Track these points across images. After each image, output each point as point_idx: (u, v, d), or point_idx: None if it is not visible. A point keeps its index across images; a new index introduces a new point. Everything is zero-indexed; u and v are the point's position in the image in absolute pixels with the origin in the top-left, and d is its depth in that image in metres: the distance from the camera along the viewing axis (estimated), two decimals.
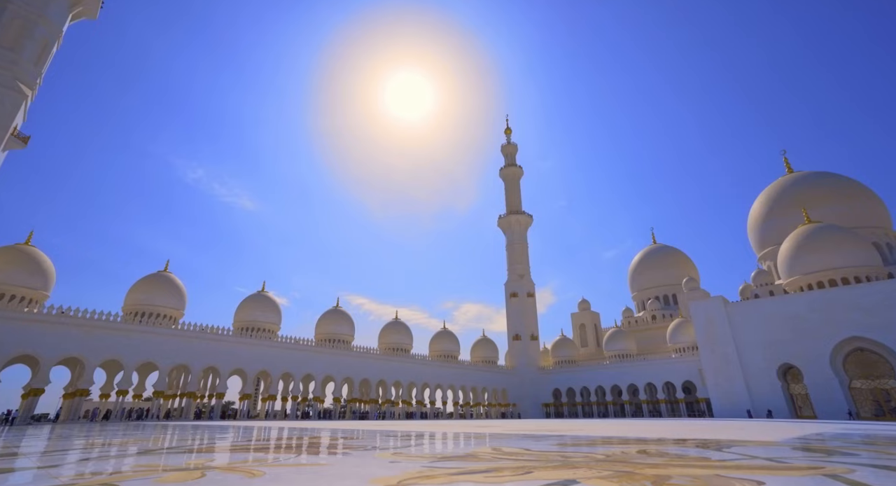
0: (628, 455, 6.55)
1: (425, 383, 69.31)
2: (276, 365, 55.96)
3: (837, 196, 70.81)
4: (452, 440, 11.39)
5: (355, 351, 64.19)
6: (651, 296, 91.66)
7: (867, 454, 7.16)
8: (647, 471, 4.77)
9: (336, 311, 72.92)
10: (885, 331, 48.21)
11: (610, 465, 5.34)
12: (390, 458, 6.46)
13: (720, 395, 57.64)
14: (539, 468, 5.13)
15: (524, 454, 6.70)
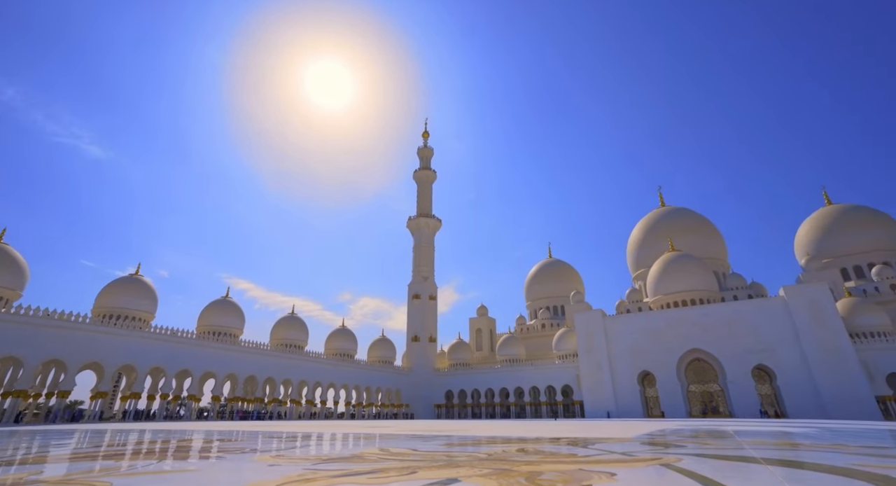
0: (508, 454, 7.00)
1: (318, 381, 66.55)
2: (145, 359, 49.06)
3: (693, 230, 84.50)
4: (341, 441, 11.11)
5: (243, 346, 59.18)
6: (543, 306, 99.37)
7: (692, 446, 8.59)
8: (522, 468, 5.16)
9: (225, 301, 66.63)
10: (715, 344, 58.43)
11: (491, 463, 5.67)
12: (270, 461, 6.09)
13: (592, 398, 64.51)
14: (424, 467, 5.24)
15: (411, 455, 6.79)
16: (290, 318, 73.56)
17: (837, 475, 4.82)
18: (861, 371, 50.38)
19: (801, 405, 52.16)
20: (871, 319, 56.34)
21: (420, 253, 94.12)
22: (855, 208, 76.42)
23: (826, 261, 72.11)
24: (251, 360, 58.81)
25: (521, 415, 76.74)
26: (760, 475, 4.81)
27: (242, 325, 66.93)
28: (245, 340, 61.32)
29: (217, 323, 63.74)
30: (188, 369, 52.46)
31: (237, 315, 66.35)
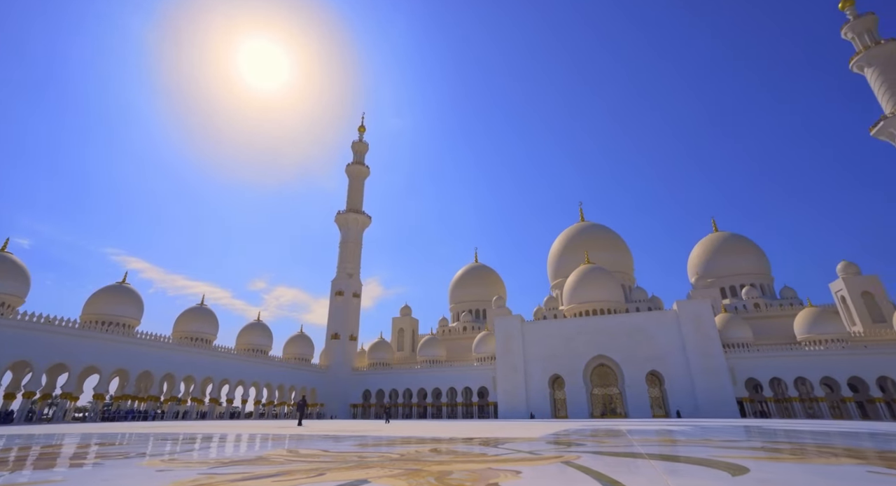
0: (421, 454, 7.06)
1: (225, 379, 61.71)
2: (6, 352, 41.81)
3: (607, 245, 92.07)
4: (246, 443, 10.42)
5: (140, 339, 52.93)
6: (466, 309, 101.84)
7: (591, 444, 9.34)
8: (433, 468, 5.24)
9: (120, 287, 59.19)
10: (618, 351, 64.11)
11: (402, 463, 5.68)
12: (161, 466, 5.54)
13: (506, 399, 67.33)
14: (334, 469, 5.11)
15: (321, 456, 6.58)
16: (199, 309, 67.38)
17: (702, 465, 5.56)
18: (728, 376, 58.46)
19: (681, 405, 59.11)
20: (738, 332, 65.54)
21: (347, 249, 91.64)
22: (734, 237, 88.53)
23: (710, 280, 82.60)
24: (148, 354, 52.78)
25: (438, 415, 77.82)
26: (644, 469, 5.38)
27: (140, 314, 59.94)
28: (142, 331, 54.98)
29: (110, 312, 56.35)
30: (64, 363, 45.70)
31: (134, 303, 59.23)
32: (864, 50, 65.43)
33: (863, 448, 8.40)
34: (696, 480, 4.54)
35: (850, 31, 68.03)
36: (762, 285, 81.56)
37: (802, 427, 19.75)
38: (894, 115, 59.84)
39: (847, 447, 8.48)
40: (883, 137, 62.32)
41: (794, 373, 56.98)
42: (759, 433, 13.76)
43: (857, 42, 67.40)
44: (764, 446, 8.79)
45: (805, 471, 5.02)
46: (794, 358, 57.91)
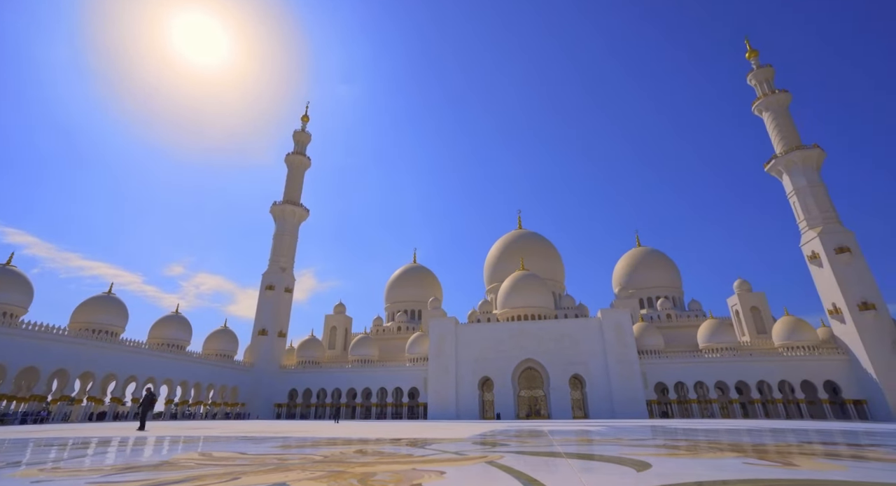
0: (346, 455, 6.90)
1: (132, 376, 55.89)
2: None
3: (541, 253, 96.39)
4: (152, 446, 9.53)
5: (22, 330, 46.35)
6: (401, 309, 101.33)
7: (515, 444, 9.70)
8: (357, 469, 5.14)
9: (5, 270, 51.54)
10: (545, 355, 67.28)
11: (325, 465, 5.51)
12: (39, 477, 4.89)
13: (436, 400, 67.86)
14: (250, 472, 4.83)
15: (237, 459, 6.19)
16: (105, 298, 60.37)
17: (612, 463, 5.99)
18: (640, 381, 63.67)
19: (599, 407, 63.36)
20: (652, 340, 71.66)
21: (282, 242, 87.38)
22: (653, 252, 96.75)
23: (631, 291, 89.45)
24: (34, 347, 46.42)
25: (367, 416, 76.47)
26: (562, 468, 5.68)
27: (29, 300, 52.53)
28: (28, 321, 48.16)
29: None
30: None
31: (21, 289, 51.85)
32: (763, 96, 74.68)
33: (742, 443, 9.53)
34: (606, 476, 4.88)
35: (754, 78, 77.33)
36: (674, 297, 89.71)
37: (698, 426, 21.98)
38: (783, 155, 68.86)
39: (731, 443, 9.58)
40: (773, 173, 71.40)
41: (695, 377, 63.28)
42: (663, 432, 15.09)
43: (758, 88, 76.74)
44: (665, 443, 9.65)
45: (696, 465, 5.59)
46: (695, 364, 64.32)
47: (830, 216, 63.08)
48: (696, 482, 4.18)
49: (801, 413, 59.50)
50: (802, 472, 4.97)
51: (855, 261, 59.34)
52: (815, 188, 65.14)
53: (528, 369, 68.90)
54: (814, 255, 62.19)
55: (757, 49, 79.30)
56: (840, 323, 58.98)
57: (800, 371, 59.70)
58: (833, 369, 58.46)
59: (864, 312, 56.70)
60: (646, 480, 4.37)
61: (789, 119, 72.43)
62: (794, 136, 70.44)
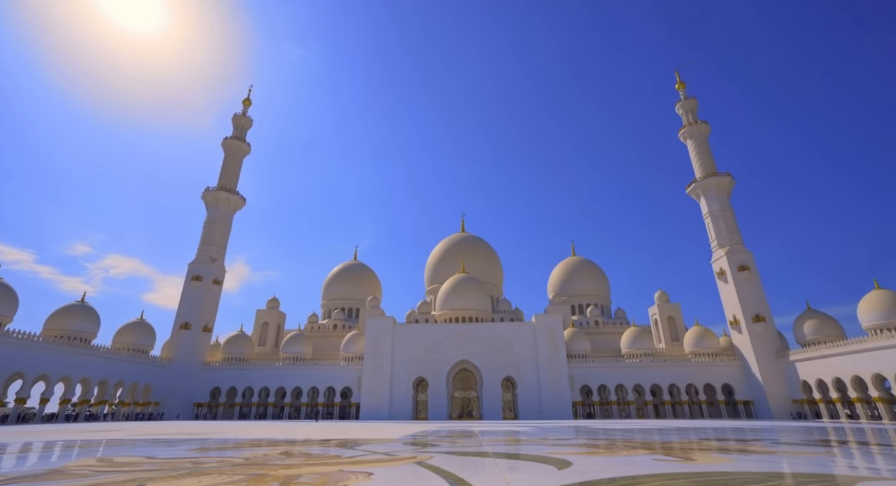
0: (269, 457, 6.59)
1: (19, 372, 49.17)
2: None
3: (482, 257, 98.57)
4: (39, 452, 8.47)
5: None
6: (339, 306, 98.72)
7: (445, 445, 9.80)
8: (280, 472, 4.93)
9: None
10: (480, 357, 68.80)
11: (246, 468, 5.22)
12: None
13: (369, 400, 66.79)
14: (158, 479, 4.45)
15: (144, 464, 5.68)
16: None
17: (537, 462, 6.27)
18: (568, 383, 67.18)
19: (528, 408, 65.88)
20: (580, 345, 75.87)
21: (213, 230, 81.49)
22: (585, 262, 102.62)
23: (564, 298, 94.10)
24: None
25: (296, 416, 73.46)
26: (489, 467, 5.83)
27: None
28: None
29: None
30: None
31: None
32: (688, 125, 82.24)
33: (652, 441, 10.37)
34: (530, 475, 5.09)
35: (681, 108, 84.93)
36: (603, 305, 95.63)
37: (616, 426, 23.59)
38: (702, 179, 76.17)
39: (643, 441, 10.39)
40: (693, 195, 78.75)
41: (617, 381, 67.86)
42: (585, 433, 16.01)
43: (684, 118, 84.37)
44: (586, 443, 10.24)
45: (612, 462, 6.00)
46: (617, 369, 68.99)
47: (736, 238, 70.55)
48: (609, 478, 4.48)
49: (702, 413, 65.85)
50: (699, 466, 5.53)
51: (752, 279, 66.86)
52: (726, 212, 72.55)
53: (463, 370, 70.01)
54: (721, 272, 69.20)
55: (685, 82, 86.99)
56: (738, 333, 66.09)
57: (704, 376, 66.09)
58: (730, 374, 65.38)
59: (756, 323, 64.01)
60: (566, 477, 4.62)
61: (708, 147, 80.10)
62: (711, 163, 78.00)
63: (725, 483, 4.15)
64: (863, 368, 49.48)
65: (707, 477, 4.55)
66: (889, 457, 7.32)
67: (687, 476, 4.61)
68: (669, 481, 4.31)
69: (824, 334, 59.67)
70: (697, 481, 4.31)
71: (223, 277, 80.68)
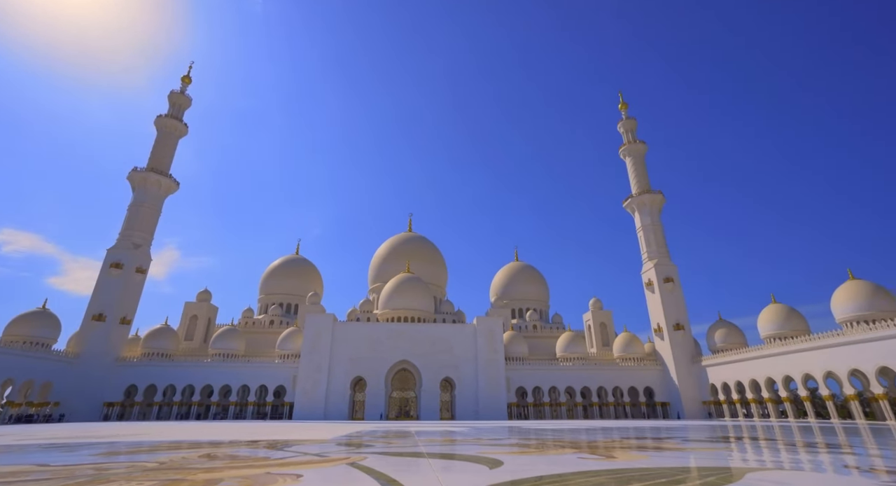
0: (189, 461, 6.15)
1: None
2: None
3: (427, 257, 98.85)
4: None
5: None
6: (277, 301, 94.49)
7: (380, 445, 9.69)
8: (199, 476, 4.61)
9: None
10: (420, 358, 68.85)
11: (160, 473, 4.83)
12: None
13: (304, 400, 64.42)
14: None
15: (33, 473, 5.07)
16: None
17: (470, 461, 6.38)
18: (504, 385, 69.08)
19: (466, 409, 66.87)
20: (518, 348, 78.34)
21: (139, 214, 74.57)
22: (527, 267, 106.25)
23: (505, 302, 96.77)
24: None
25: (223, 416, 69.14)
26: (423, 467, 5.84)
27: None
28: None
29: None
30: None
31: None
32: (627, 144, 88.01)
33: (579, 441, 10.94)
34: (463, 475, 5.17)
35: (622, 127, 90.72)
36: (541, 310, 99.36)
37: (547, 426, 24.60)
38: (637, 195, 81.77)
39: (571, 441, 10.93)
40: (628, 209, 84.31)
41: (550, 383, 70.78)
42: (518, 433, 16.53)
43: (625, 136, 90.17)
44: (518, 442, 10.58)
45: (542, 461, 6.25)
46: (552, 371, 72.00)
47: (663, 251, 76.34)
48: (537, 476, 4.66)
49: (626, 414, 70.42)
50: (619, 463, 5.91)
51: (675, 290, 72.70)
52: (656, 227, 78.30)
53: (402, 370, 69.69)
54: (649, 282, 74.54)
55: (627, 102, 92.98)
56: (661, 340, 71.49)
57: (629, 379, 70.77)
58: (651, 378, 70.55)
59: (676, 331, 69.66)
60: (497, 476, 4.74)
61: (644, 166, 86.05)
62: (646, 180, 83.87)
63: (641, 478, 4.47)
64: (758, 372, 55.48)
65: (625, 473, 4.88)
66: (773, 450, 8.27)
67: (608, 473, 4.91)
68: (592, 477, 4.57)
69: (731, 341, 66.16)
70: (616, 477, 4.61)
71: (148, 265, 74.37)
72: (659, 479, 4.42)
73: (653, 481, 4.34)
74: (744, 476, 4.69)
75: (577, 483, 4.14)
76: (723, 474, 4.93)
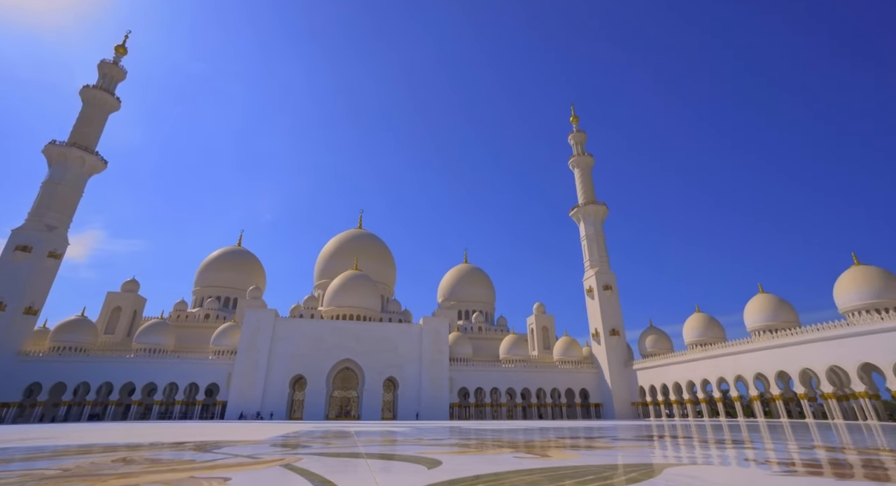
0: (99, 466, 5.63)
1: None
2: None
3: (376, 255, 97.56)
4: None
5: None
6: (214, 294, 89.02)
7: (318, 446, 9.42)
8: (111, 483, 4.23)
9: None
10: (364, 357, 67.76)
11: (63, 482, 4.38)
12: None
13: (239, 398, 61.12)
14: None
15: None
16: None
17: (409, 462, 6.36)
18: (448, 385, 69.64)
19: (408, 409, 66.60)
20: (463, 349, 79.31)
21: (56, 193, 67.01)
22: (475, 269, 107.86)
23: (452, 303, 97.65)
24: None
25: (145, 416, 63.94)
26: (361, 468, 5.74)
27: None
28: None
29: None
30: None
31: None
32: (576, 156, 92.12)
33: (517, 440, 11.27)
34: (400, 475, 5.14)
35: (573, 139, 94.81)
36: (487, 312, 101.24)
37: (487, 427, 25.10)
38: (582, 206, 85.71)
39: (509, 440, 11.22)
40: (574, 219, 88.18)
41: (492, 384, 72.29)
42: (459, 433, 16.72)
43: (574, 148, 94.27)
44: (458, 442, 10.70)
45: (480, 460, 6.36)
46: (494, 373, 73.55)
47: (604, 260, 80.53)
48: (475, 475, 4.74)
49: (562, 414, 73.47)
50: (553, 461, 6.15)
51: (613, 297, 76.94)
52: (599, 236, 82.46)
53: (345, 369, 68.24)
54: (590, 289, 78.32)
55: (578, 116, 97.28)
56: (598, 344, 75.31)
57: (568, 381, 73.91)
58: (587, 380, 74.13)
59: (612, 336, 73.74)
60: (435, 476, 4.76)
61: (590, 177, 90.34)
62: (591, 192, 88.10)
63: (572, 476, 4.69)
64: (681, 376, 60.06)
65: (557, 471, 5.09)
66: (689, 447, 8.99)
67: (541, 472, 5.10)
68: (526, 476, 4.73)
69: (660, 347, 71.08)
70: (549, 475, 4.79)
71: (64, 249, 67.31)
72: (588, 476, 4.65)
73: (582, 478, 4.56)
74: (662, 472, 5.05)
75: (512, 482, 4.26)
76: (645, 470, 5.28)
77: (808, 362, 44.13)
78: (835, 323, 42.62)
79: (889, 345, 37.65)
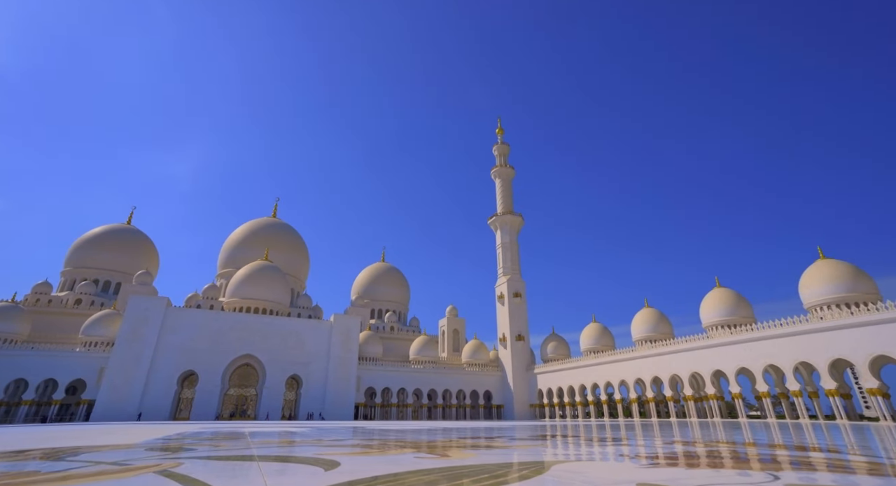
0: None
1: None
2: None
3: (289, 247, 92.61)
4: None
5: None
6: (91, 277, 77.37)
7: (205, 448, 8.61)
8: None
9: None
10: (267, 353, 63.70)
11: None
12: None
13: (112, 397, 53.61)
14: None
15: None
16: None
17: (306, 464, 6.09)
18: (355, 385, 68.06)
19: (311, 408, 63.73)
20: (373, 348, 78.09)
21: None
22: (392, 269, 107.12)
23: (366, 301, 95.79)
24: None
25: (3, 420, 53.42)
26: (252, 472, 5.35)
27: None
28: None
29: None
30: None
31: None
32: (498, 167, 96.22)
33: (420, 441, 11.38)
34: (295, 478, 4.89)
35: (497, 150, 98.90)
36: (401, 312, 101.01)
37: (392, 427, 24.98)
38: (500, 215, 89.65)
39: (412, 441, 11.28)
40: (492, 227, 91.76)
41: (400, 384, 72.19)
42: (362, 433, 16.41)
43: (497, 159, 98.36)
44: (360, 443, 10.50)
45: (380, 461, 6.30)
46: (403, 373, 73.54)
47: (516, 268, 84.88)
48: (373, 476, 4.68)
49: (466, 415, 75.76)
50: (452, 461, 6.31)
51: (522, 304, 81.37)
52: (513, 245, 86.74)
53: (245, 365, 63.60)
54: (501, 296, 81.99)
55: (504, 128, 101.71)
56: (504, 348, 79.02)
57: (474, 383, 76.42)
58: (492, 382, 77.37)
59: (518, 341, 77.91)
60: (332, 478, 4.61)
61: (510, 188, 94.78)
62: (510, 202, 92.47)
63: (469, 475, 4.84)
64: (574, 380, 65.41)
65: (455, 471, 5.23)
66: (576, 445, 9.83)
67: (440, 471, 5.19)
68: (425, 476, 4.78)
69: (559, 353, 76.62)
70: (447, 474, 4.90)
71: None
72: (483, 475, 4.85)
73: (478, 476, 4.74)
74: (550, 468, 5.44)
75: (411, 482, 4.28)
76: (536, 467, 5.65)
77: (677, 369, 50.74)
78: (697, 337, 49.65)
79: (734, 354, 44.87)
